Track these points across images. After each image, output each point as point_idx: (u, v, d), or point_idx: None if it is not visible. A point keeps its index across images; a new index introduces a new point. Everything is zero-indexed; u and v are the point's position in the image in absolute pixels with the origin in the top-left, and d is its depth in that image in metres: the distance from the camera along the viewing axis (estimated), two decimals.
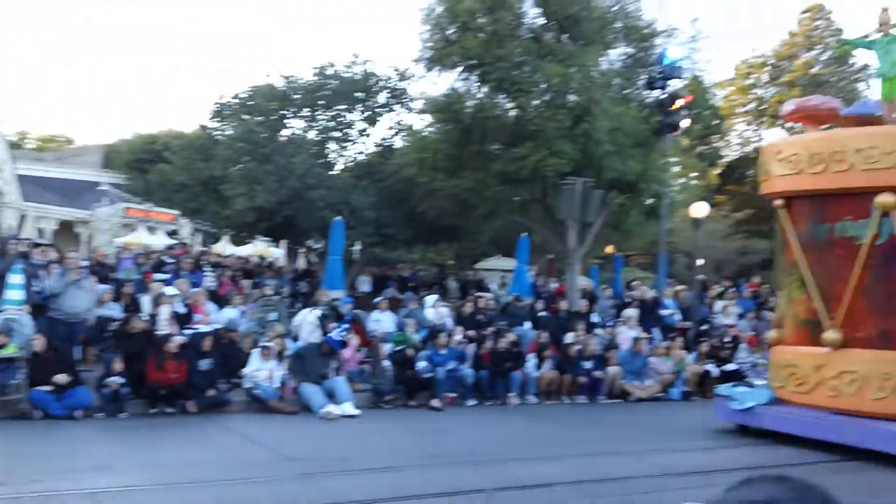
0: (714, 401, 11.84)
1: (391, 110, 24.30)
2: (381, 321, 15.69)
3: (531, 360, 14.64)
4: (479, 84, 20.37)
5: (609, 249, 30.20)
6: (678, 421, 12.67)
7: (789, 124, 23.10)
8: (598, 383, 14.47)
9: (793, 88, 38.87)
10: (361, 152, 24.65)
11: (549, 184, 20.39)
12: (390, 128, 24.57)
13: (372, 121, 24.14)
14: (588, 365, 14.49)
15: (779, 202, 10.36)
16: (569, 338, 15.44)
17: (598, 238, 24.61)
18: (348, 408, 12.15)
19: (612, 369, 14.63)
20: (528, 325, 16.58)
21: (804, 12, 42.20)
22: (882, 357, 9.31)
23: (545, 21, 19.93)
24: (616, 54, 20.75)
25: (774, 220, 10.95)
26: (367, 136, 24.53)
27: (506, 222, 22.44)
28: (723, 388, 11.66)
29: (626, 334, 16.17)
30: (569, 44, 19.34)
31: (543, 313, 17.09)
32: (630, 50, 20.62)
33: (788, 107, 11.03)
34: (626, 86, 20.52)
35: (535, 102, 18.63)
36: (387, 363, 13.61)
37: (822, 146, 9.52)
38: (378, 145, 24.52)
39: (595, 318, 18.38)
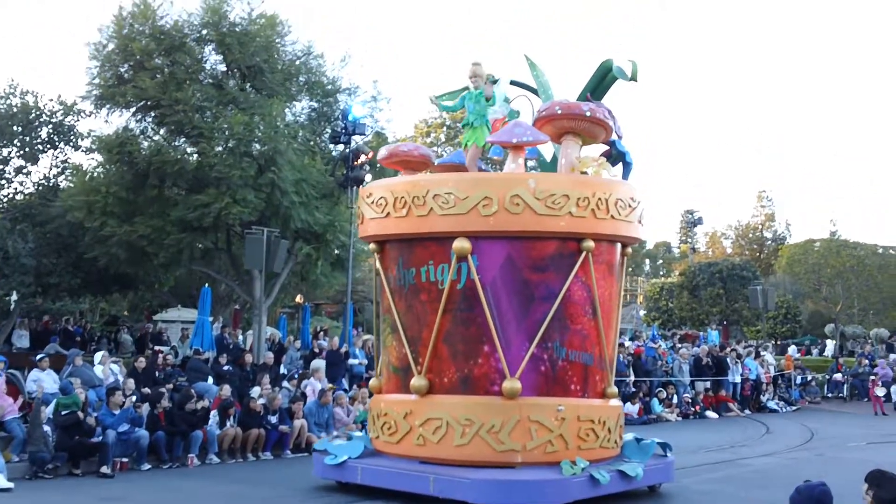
0: (313, 456, 11.18)
1: (55, 147, 22.29)
2: (42, 380, 14.16)
3: (213, 417, 14.03)
4: (155, 126, 19.47)
5: (298, 299, 30.24)
6: None
7: None
8: (284, 437, 14.25)
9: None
10: (19, 192, 22.28)
11: (234, 233, 19.97)
12: (54, 166, 22.53)
13: (32, 158, 21.93)
14: (274, 419, 14.23)
15: (372, 246, 10.07)
16: (254, 392, 15.06)
17: (286, 288, 24.50)
18: (1, 481, 10.71)
19: (299, 422, 14.51)
20: (210, 379, 15.91)
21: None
22: (464, 402, 9.29)
23: (227, 69, 19.67)
24: (301, 107, 21.06)
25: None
26: (27, 174, 22.26)
27: (187, 271, 21.47)
28: (320, 442, 10.95)
29: (314, 386, 16.17)
30: (252, 93, 19.23)
31: (228, 367, 16.51)
32: (314, 104, 21.02)
33: (382, 153, 10.79)
34: (312, 138, 20.86)
35: (218, 149, 18.22)
36: (47, 428, 12.25)
37: (405, 190, 9.42)
38: (39, 185, 22.31)
39: (283, 369, 18.15)
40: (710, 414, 21.40)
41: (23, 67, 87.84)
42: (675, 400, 21.08)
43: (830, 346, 38.49)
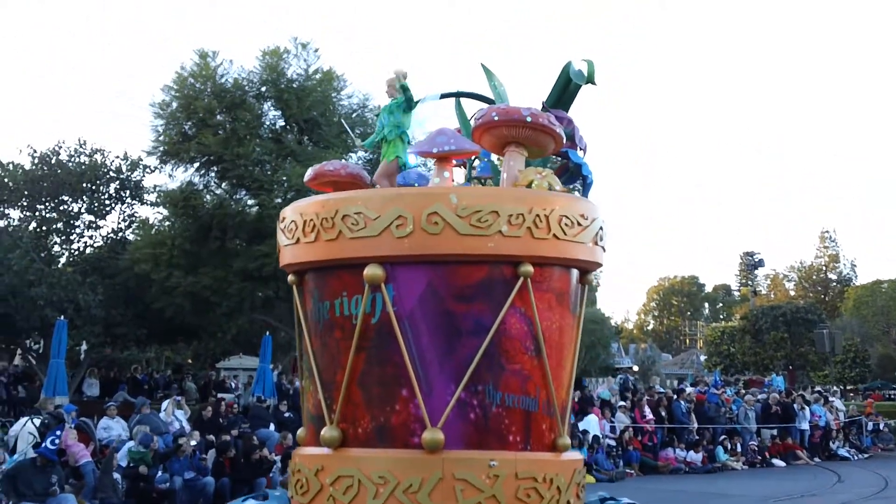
0: None
1: (122, 202, 23.12)
2: (112, 428, 14.56)
3: (277, 464, 14.20)
4: (218, 180, 20.10)
5: None
6: None
7: None
8: None
9: None
10: (89, 246, 23.13)
11: None
12: (122, 220, 23.36)
13: (100, 213, 22.78)
14: None
15: (291, 278, 8.44)
16: None
17: None
18: None
19: None
20: (272, 426, 16.13)
21: None
22: (378, 457, 7.79)
23: (285, 123, 20.27)
24: (356, 158, 21.50)
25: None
26: (96, 228, 23.12)
27: (249, 320, 21.91)
28: (232, 503, 9.86)
29: None
30: (309, 146, 19.77)
31: (289, 414, 16.72)
32: (370, 155, 21.45)
33: (308, 174, 9.44)
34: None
35: (278, 201, 18.70)
36: (117, 476, 12.55)
37: (314, 212, 8.05)
38: (108, 239, 23.13)
39: None
40: (778, 462, 20.80)
41: (88, 125, 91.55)
42: (739, 448, 20.56)
43: None
